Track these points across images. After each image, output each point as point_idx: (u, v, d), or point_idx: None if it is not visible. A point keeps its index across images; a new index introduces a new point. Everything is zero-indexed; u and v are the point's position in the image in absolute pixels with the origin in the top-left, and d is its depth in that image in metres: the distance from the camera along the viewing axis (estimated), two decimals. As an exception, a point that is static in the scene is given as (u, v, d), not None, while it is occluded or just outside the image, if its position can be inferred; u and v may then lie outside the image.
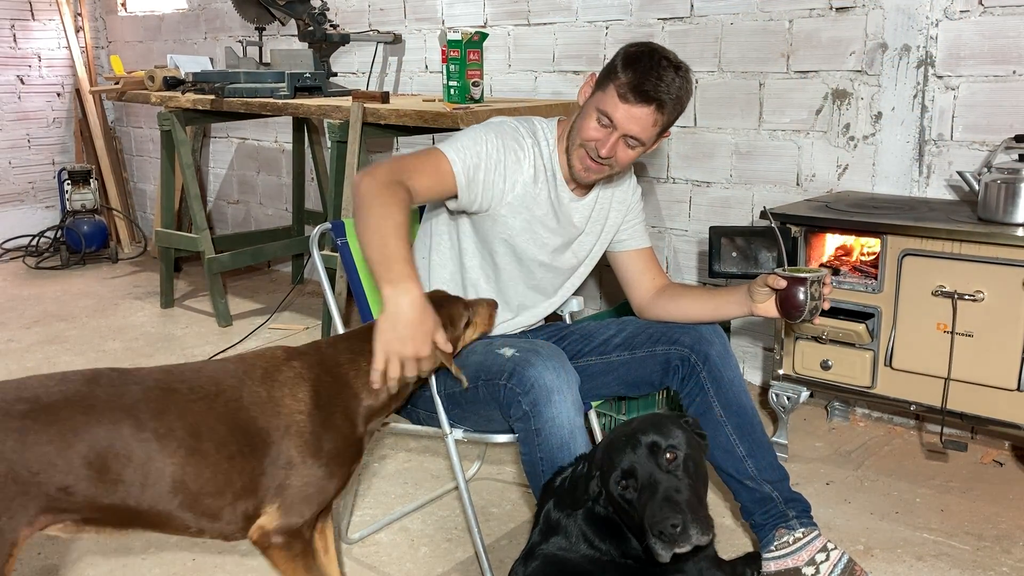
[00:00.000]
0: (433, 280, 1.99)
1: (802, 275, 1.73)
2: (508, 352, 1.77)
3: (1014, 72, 2.48)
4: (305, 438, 1.46)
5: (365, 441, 1.60)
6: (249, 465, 1.43)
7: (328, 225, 2.04)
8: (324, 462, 1.48)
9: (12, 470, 1.29)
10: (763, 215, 2.47)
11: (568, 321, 2.22)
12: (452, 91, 3.16)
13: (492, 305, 1.82)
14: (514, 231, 1.89)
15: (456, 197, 1.83)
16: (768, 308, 1.83)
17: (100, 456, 1.33)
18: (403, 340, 1.53)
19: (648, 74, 1.73)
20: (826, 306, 1.78)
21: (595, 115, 1.79)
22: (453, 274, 1.99)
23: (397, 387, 1.58)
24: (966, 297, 2.17)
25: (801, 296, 1.73)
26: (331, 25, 3.82)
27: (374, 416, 1.60)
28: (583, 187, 1.95)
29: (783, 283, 1.75)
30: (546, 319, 2.15)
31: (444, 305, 1.70)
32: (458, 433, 1.89)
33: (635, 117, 1.76)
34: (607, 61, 1.83)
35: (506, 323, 2.02)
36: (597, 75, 1.84)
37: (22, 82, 5.54)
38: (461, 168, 1.79)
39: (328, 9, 3.83)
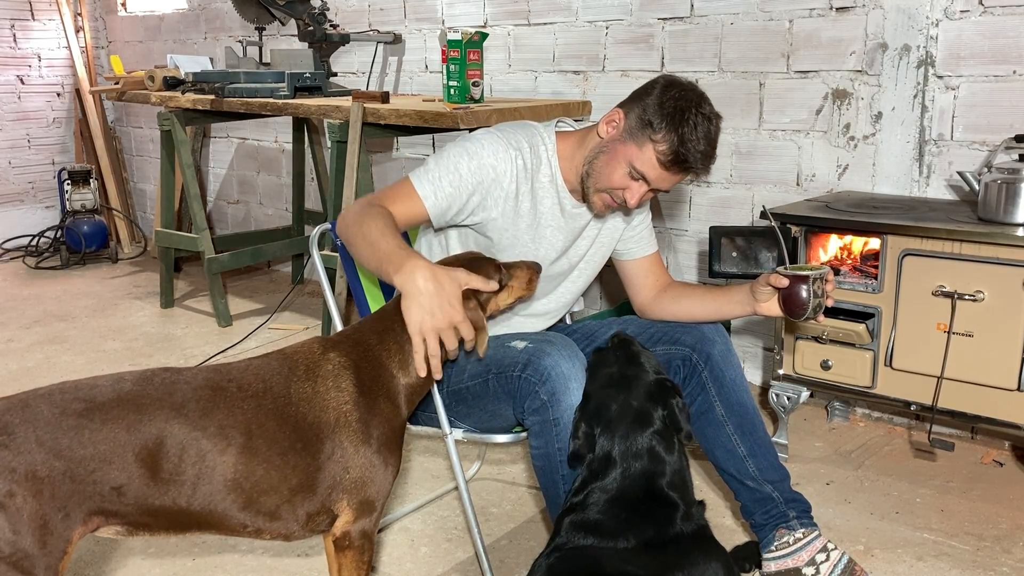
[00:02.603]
0: None
1: (804, 273, 1.74)
2: (520, 344, 1.76)
3: (1014, 72, 2.48)
4: (354, 428, 1.47)
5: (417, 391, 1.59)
6: (303, 462, 1.43)
7: (328, 225, 2.04)
8: (376, 449, 1.48)
9: (69, 468, 1.29)
10: (763, 215, 2.47)
11: (569, 321, 2.22)
12: (452, 91, 3.16)
13: (533, 268, 1.71)
14: (501, 245, 1.86)
15: (431, 223, 1.82)
16: (771, 307, 1.82)
17: (152, 455, 1.34)
18: (431, 312, 1.49)
19: (689, 141, 1.68)
20: (829, 303, 1.78)
21: (626, 168, 1.74)
22: None
23: (441, 364, 1.55)
24: (966, 297, 2.17)
25: (804, 294, 1.73)
26: (331, 25, 3.82)
27: (415, 395, 1.59)
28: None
29: (785, 282, 1.75)
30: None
31: (472, 266, 1.63)
32: (458, 433, 1.89)
33: (670, 180, 1.75)
34: (640, 92, 1.76)
35: (501, 325, 2.01)
36: (624, 113, 1.76)
37: (22, 82, 5.54)
38: (433, 203, 1.76)
39: (328, 9, 3.83)
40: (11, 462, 1.25)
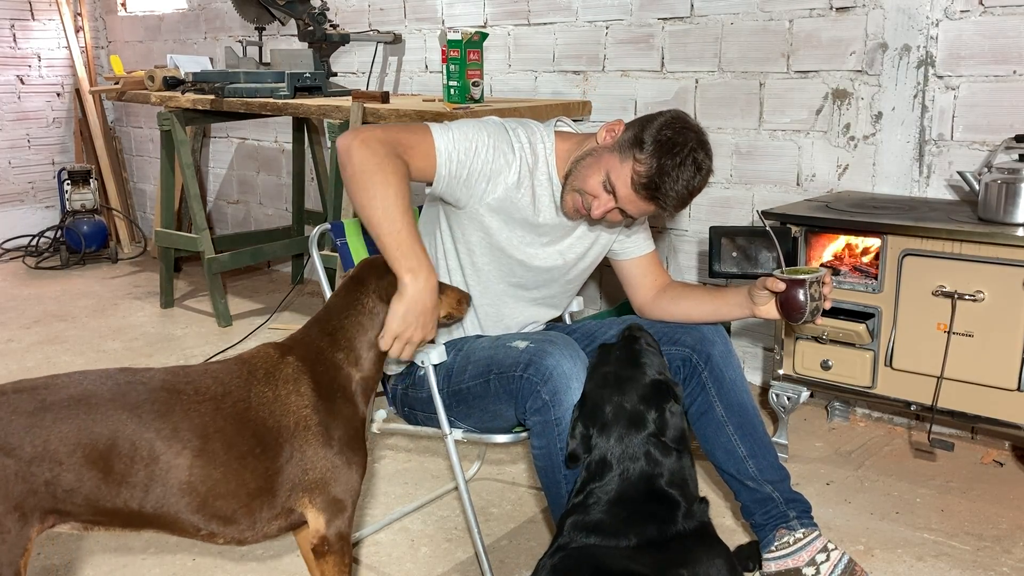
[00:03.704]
0: None
1: (800, 276, 1.73)
2: (522, 344, 1.76)
3: (1014, 72, 2.48)
4: (314, 431, 1.47)
5: (367, 424, 1.60)
6: (263, 465, 1.42)
7: (328, 225, 2.04)
8: (337, 451, 1.49)
9: (20, 469, 1.29)
10: (760, 213, 2.46)
11: (568, 321, 2.22)
12: (452, 91, 3.16)
13: (464, 296, 1.74)
14: (491, 230, 1.86)
15: (431, 184, 1.80)
16: (769, 310, 1.82)
17: (103, 456, 1.32)
18: (415, 327, 1.56)
19: (667, 175, 1.68)
20: (827, 306, 1.78)
21: (603, 176, 1.74)
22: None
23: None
24: (966, 297, 2.17)
25: (801, 297, 1.73)
26: (331, 25, 3.82)
27: (370, 389, 1.60)
28: None
29: (782, 286, 1.75)
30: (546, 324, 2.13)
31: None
32: (458, 433, 1.89)
33: (637, 204, 1.75)
34: (649, 115, 1.75)
35: (491, 322, 1.99)
36: (625, 126, 1.77)
37: (22, 82, 5.54)
38: (445, 160, 1.74)
39: (328, 9, 3.83)
40: None
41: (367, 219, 1.60)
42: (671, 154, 1.68)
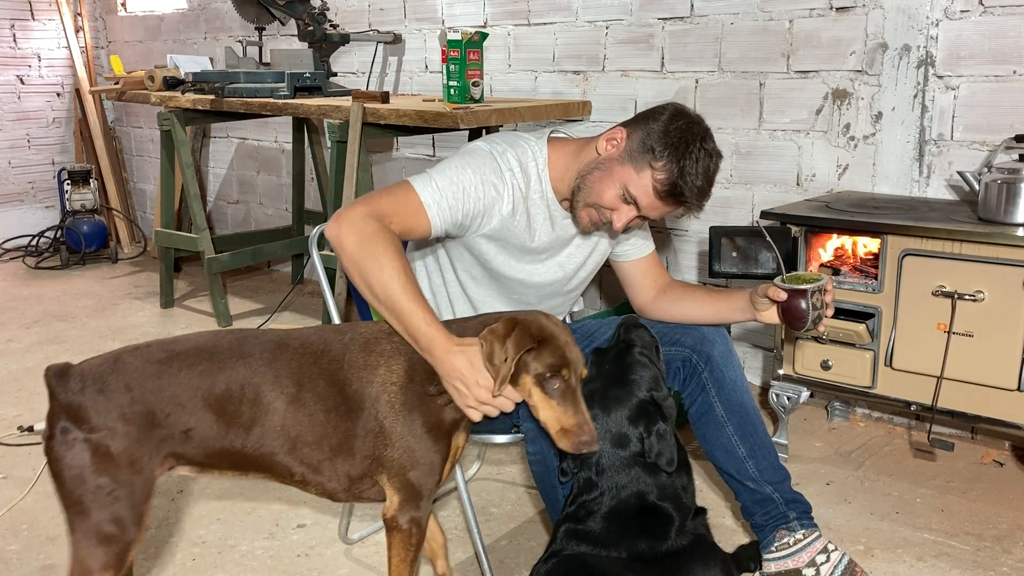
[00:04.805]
0: None
1: (802, 287, 1.72)
2: None
3: (1014, 72, 2.48)
4: (398, 409, 1.50)
5: (459, 425, 1.57)
6: (344, 424, 1.50)
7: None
8: (419, 436, 1.51)
9: (150, 411, 1.43)
10: (757, 223, 2.46)
11: (569, 321, 2.22)
12: (452, 91, 3.16)
13: (582, 420, 1.52)
14: (488, 255, 1.84)
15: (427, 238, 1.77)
16: (771, 316, 1.80)
17: (218, 399, 1.46)
18: (465, 396, 1.50)
19: (688, 175, 1.66)
20: (829, 313, 1.77)
21: (620, 190, 1.71)
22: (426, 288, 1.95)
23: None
24: (966, 297, 2.17)
25: (803, 306, 1.72)
26: (331, 25, 3.82)
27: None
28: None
29: (783, 295, 1.73)
30: None
31: (542, 342, 1.50)
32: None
33: (661, 209, 1.73)
34: (646, 116, 1.72)
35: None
36: (627, 133, 1.72)
37: (22, 82, 5.54)
38: (436, 213, 1.69)
39: (328, 9, 3.83)
40: (105, 406, 1.41)
41: (372, 300, 1.58)
42: (686, 153, 1.66)
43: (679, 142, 1.67)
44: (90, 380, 1.43)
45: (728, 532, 2.19)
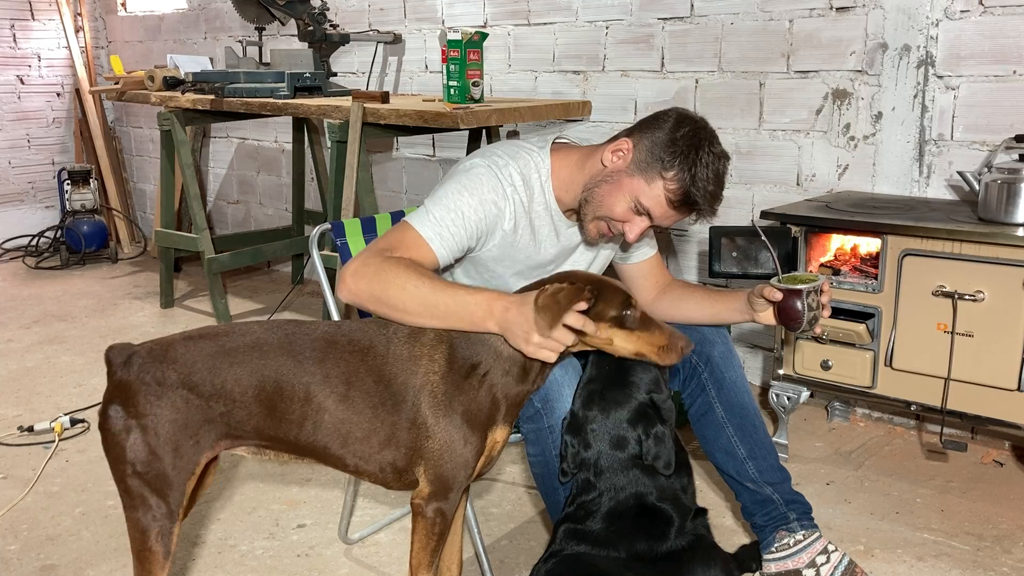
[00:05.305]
0: None
1: (797, 287, 1.72)
2: None
3: (1014, 72, 2.48)
4: (438, 398, 1.51)
5: (502, 410, 1.56)
6: (390, 417, 1.52)
7: (328, 225, 2.04)
8: (456, 425, 1.51)
9: (201, 402, 1.49)
10: (756, 221, 2.46)
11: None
12: (452, 91, 3.16)
13: (677, 339, 1.57)
14: (496, 272, 1.83)
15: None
16: (768, 316, 1.79)
17: (269, 396, 1.51)
18: (524, 340, 1.48)
19: (700, 181, 1.65)
20: (826, 314, 1.76)
21: (631, 202, 1.69)
22: None
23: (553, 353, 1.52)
24: (966, 297, 2.17)
25: (798, 307, 1.71)
26: (331, 25, 3.82)
27: (509, 390, 1.57)
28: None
29: (779, 295, 1.73)
30: None
31: (601, 293, 1.54)
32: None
33: (674, 218, 1.72)
34: (650, 124, 1.69)
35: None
36: (633, 144, 1.69)
37: (22, 82, 5.54)
38: (439, 245, 1.67)
39: (328, 9, 3.83)
40: (157, 392, 1.48)
41: (427, 326, 1.56)
42: (696, 161, 1.65)
43: (688, 149, 1.65)
44: (148, 364, 1.50)
45: (728, 532, 2.19)
